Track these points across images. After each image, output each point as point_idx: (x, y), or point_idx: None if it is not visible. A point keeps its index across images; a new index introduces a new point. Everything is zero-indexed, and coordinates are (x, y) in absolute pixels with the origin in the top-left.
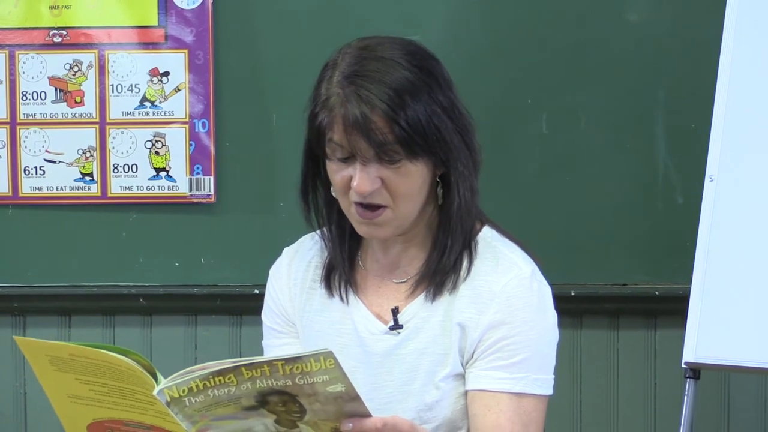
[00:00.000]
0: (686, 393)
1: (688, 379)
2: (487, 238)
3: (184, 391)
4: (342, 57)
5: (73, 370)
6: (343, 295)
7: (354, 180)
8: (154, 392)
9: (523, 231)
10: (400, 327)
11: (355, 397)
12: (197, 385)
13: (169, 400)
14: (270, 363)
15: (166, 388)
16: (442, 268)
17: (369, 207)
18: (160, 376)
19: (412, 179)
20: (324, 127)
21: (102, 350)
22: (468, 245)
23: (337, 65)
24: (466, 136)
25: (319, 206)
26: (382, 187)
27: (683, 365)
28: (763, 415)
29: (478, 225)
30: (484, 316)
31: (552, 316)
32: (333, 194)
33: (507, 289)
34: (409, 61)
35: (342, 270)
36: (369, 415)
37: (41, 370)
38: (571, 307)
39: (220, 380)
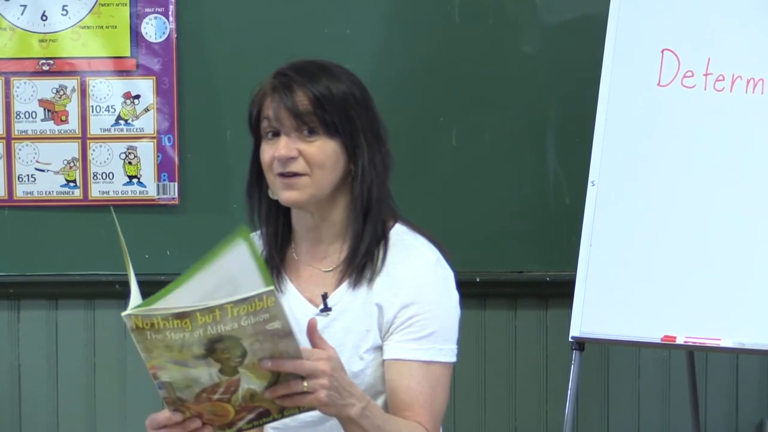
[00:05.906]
0: (573, 363)
1: (574, 351)
2: (400, 232)
3: (147, 325)
4: (285, 64)
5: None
6: (278, 286)
7: (277, 150)
8: (123, 314)
9: (436, 228)
10: (329, 309)
11: (289, 333)
12: (158, 323)
13: (133, 327)
14: (221, 307)
15: (133, 315)
16: (358, 253)
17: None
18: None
19: (326, 153)
20: (260, 105)
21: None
22: (383, 239)
23: (278, 68)
24: (378, 138)
25: (261, 206)
26: (300, 158)
27: (570, 339)
28: (637, 381)
29: (392, 222)
30: (398, 298)
31: (454, 296)
32: (270, 195)
33: (416, 274)
34: (342, 73)
35: (274, 263)
36: (299, 353)
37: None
38: (476, 291)
39: (177, 323)
